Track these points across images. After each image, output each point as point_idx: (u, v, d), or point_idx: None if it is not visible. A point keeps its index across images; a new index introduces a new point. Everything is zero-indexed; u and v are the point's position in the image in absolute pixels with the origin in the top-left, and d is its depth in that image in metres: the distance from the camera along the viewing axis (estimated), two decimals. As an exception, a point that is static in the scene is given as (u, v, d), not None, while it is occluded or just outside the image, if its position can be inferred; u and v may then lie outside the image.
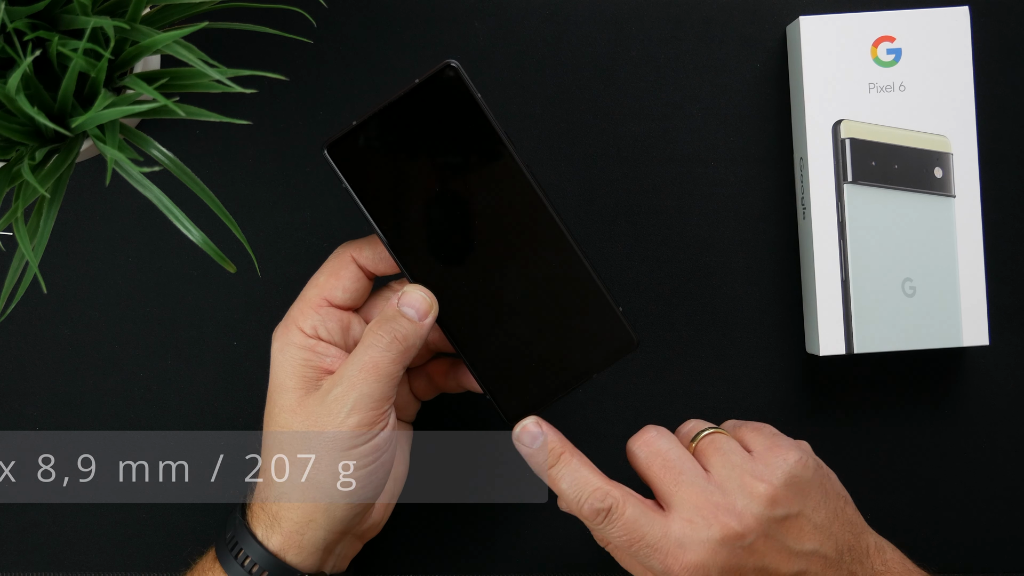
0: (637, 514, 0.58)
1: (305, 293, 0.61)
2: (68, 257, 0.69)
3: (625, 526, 0.58)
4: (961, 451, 0.70)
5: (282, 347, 0.60)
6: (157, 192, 0.53)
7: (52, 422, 0.69)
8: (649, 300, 0.70)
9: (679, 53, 0.70)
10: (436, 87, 0.58)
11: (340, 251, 0.61)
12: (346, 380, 0.57)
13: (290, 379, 0.59)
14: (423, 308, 0.59)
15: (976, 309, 0.67)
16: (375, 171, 0.58)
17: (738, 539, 0.57)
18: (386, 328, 0.58)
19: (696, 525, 0.57)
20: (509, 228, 0.59)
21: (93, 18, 0.50)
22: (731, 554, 0.57)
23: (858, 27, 0.67)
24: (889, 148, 0.67)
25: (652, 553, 0.57)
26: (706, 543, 0.57)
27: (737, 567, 0.57)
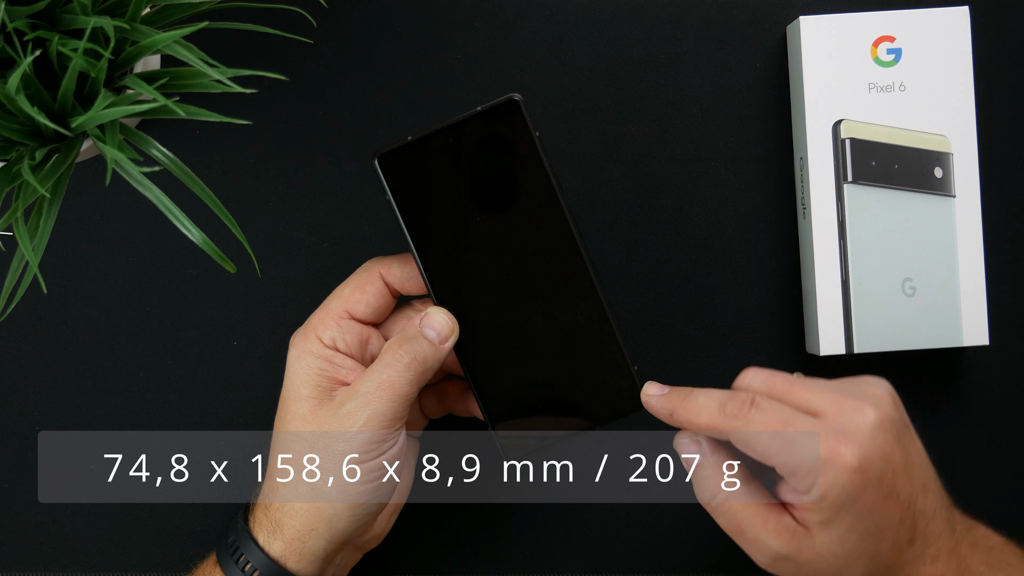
0: (782, 406, 0.55)
1: (328, 303, 0.61)
2: (68, 257, 0.69)
3: (774, 411, 0.55)
4: (961, 451, 0.70)
5: (299, 355, 0.60)
6: (157, 192, 0.53)
7: (52, 422, 0.69)
8: (649, 300, 0.70)
9: (679, 53, 0.70)
10: (496, 117, 0.58)
11: (369, 266, 0.61)
12: (361, 396, 0.57)
13: (304, 387, 0.59)
14: (445, 332, 0.59)
15: (976, 309, 0.67)
16: (421, 189, 0.58)
17: (889, 424, 0.55)
18: (406, 348, 0.58)
19: (847, 415, 0.54)
20: (541, 269, 0.59)
21: (93, 18, 0.50)
22: (885, 440, 0.54)
23: (858, 27, 0.67)
24: (889, 148, 0.67)
25: (808, 438, 0.54)
26: (863, 427, 0.54)
27: (890, 456, 0.54)
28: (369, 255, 0.69)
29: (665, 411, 0.58)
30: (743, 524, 0.56)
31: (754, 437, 0.55)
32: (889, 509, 0.55)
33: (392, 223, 0.69)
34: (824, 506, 0.54)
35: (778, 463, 0.55)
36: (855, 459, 0.53)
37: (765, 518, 0.56)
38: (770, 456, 0.55)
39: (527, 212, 0.58)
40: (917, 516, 0.56)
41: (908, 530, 0.56)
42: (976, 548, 0.57)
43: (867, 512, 0.54)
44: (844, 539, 0.54)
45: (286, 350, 0.69)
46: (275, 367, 0.69)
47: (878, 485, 0.54)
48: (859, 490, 0.54)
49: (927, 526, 0.56)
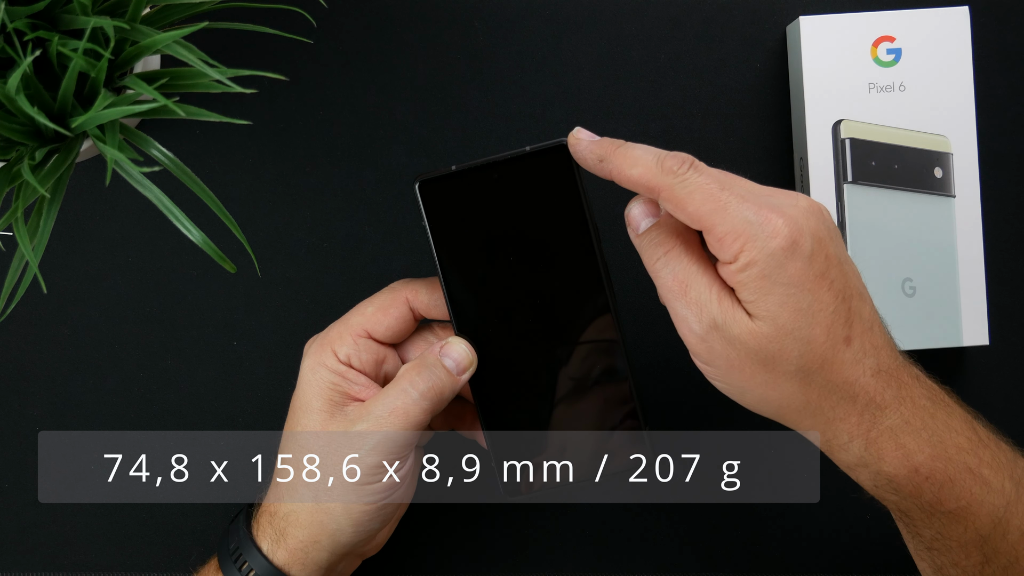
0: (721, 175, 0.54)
1: (349, 318, 0.60)
2: (68, 257, 0.69)
3: (712, 173, 0.53)
4: (961, 451, 0.70)
5: (313, 366, 0.59)
6: (157, 192, 0.53)
7: (52, 422, 0.69)
8: (649, 300, 0.70)
9: (679, 53, 0.70)
10: (544, 160, 0.57)
11: (396, 287, 0.61)
12: (373, 418, 0.57)
13: (316, 400, 0.59)
14: (464, 363, 0.58)
15: (976, 309, 0.67)
16: (457, 220, 0.58)
17: (822, 214, 0.54)
18: (424, 376, 0.57)
19: (780, 194, 0.54)
20: (567, 317, 0.59)
21: (93, 18, 0.50)
22: (819, 224, 0.53)
23: (858, 27, 0.67)
24: (889, 148, 0.67)
25: (743, 203, 0.52)
26: (797, 206, 0.53)
27: (826, 241, 0.53)
28: (369, 255, 0.69)
29: (594, 156, 0.56)
30: (689, 281, 0.54)
31: (688, 196, 0.53)
32: (821, 291, 0.53)
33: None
34: (753, 274, 0.52)
35: (708, 225, 0.53)
36: (785, 227, 0.52)
37: (711, 285, 0.54)
38: (701, 217, 0.53)
39: (561, 259, 0.58)
40: (853, 315, 0.54)
41: (844, 326, 0.54)
42: (919, 381, 0.56)
43: (797, 285, 0.52)
44: (776, 316, 0.52)
45: (286, 350, 0.69)
46: (275, 367, 0.69)
47: (809, 261, 0.52)
48: (787, 258, 0.52)
49: (864, 334, 0.54)
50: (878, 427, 0.54)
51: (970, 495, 0.54)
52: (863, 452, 0.54)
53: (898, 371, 0.55)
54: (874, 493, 0.56)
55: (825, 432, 0.55)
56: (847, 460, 0.55)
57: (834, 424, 0.54)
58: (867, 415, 0.54)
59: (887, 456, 0.54)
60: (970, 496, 0.54)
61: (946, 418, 0.55)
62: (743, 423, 0.70)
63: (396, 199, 0.70)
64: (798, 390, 0.54)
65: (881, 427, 0.54)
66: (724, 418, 0.70)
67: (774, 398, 0.55)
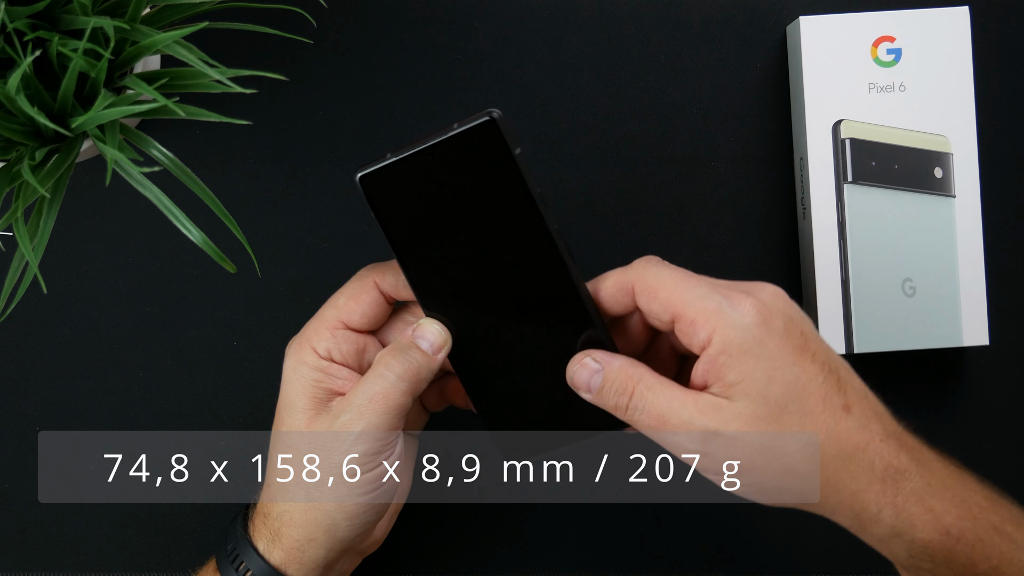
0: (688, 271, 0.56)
1: (323, 313, 0.60)
2: (68, 257, 0.69)
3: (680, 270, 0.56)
4: (961, 451, 0.70)
5: (294, 366, 0.59)
6: (157, 192, 0.53)
7: (52, 422, 0.69)
8: (649, 300, 0.70)
9: (679, 53, 0.70)
10: (474, 136, 0.56)
11: (363, 274, 0.61)
12: (355, 408, 0.57)
13: (300, 399, 0.58)
14: (438, 342, 0.58)
15: (976, 309, 0.67)
16: (404, 206, 0.57)
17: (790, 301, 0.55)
18: (399, 359, 0.57)
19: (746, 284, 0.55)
20: (526, 283, 0.58)
21: (93, 18, 0.50)
22: (787, 305, 0.54)
23: (858, 27, 0.67)
24: (889, 148, 0.67)
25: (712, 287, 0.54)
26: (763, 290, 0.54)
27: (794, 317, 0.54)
28: (369, 255, 0.69)
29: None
30: (665, 411, 0.54)
31: (660, 283, 0.55)
32: (805, 363, 0.53)
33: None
34: (732, 355, 0.52)
35: (679, 310, 0.54)
36: (754, 306, 0.53)
37: (684, 399, 0.54)
38: (673, 302, 0.54)
39: (509, 229, 0.58)
40: (844, 384, 0.54)
41: (838, 394, 0.53)
42: (924, 444, 0.55)
43: (779, 359, 0.53)
44: (766, 393, 0.52)
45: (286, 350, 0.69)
46: (275, 367, 0.69)
47: (784, 336, 0.53)
48: (763, 333, 0.52)
49: (863, 401, 0.54)
50: (903, 492, 0.53)
51: (1000, 554, 0.53)
52: (895, 520, 0.53)
53: (904, 434, 0.54)
54: (908, 565, 0.55)
55: (852, 507, 0.54)
56: (880, 533, 0.54)
57: (859, 496, 0.53)
58: (889, 481, 0.53)
59: (918, 521, 0.53)
60: (1000, 556, 0.53)
61: (960, 477, 0.55)
62: (743, 423, 0.70)
63: (396, 199, 0.70)
64: (812, 468, 0.53)
65: (906, 491, 0.53)
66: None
67: (793, 484, 0.54)
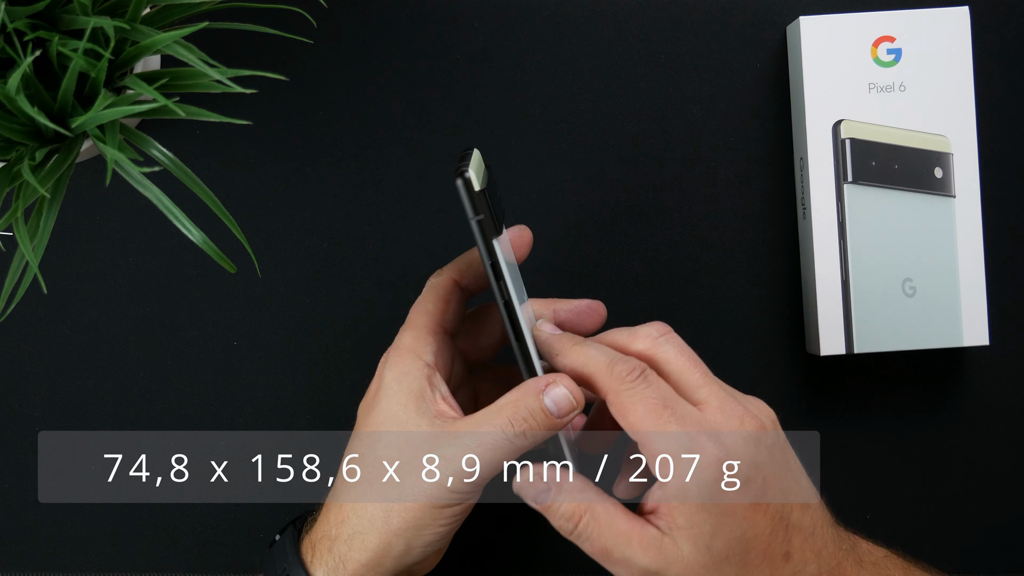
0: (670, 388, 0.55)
1: (416, 321, 0.59)
2: (68, 257, 0.69)
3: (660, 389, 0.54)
4: (961, 451, 0.70)
5: (399, 377, 0.57)
6: (157, 192, 0.53)
7: (52, 422, 0.69)
8: (649, 300, 0.70)
9: (679, 53, 0.70)
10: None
11: (438, 279, 0.60)
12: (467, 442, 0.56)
13: (404, 411, 0.57)
14: (565, 408, 0.56)
15: (976, 309, 0.67)
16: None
17: (765, 437, 0.54)
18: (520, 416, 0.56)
19: (728, 415, 0.54)
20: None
21: (93, 18, 0.50)
22: (758, 450, 0.54)
23: (858, 27, 0.67)
24: (889, 148, 0.67)
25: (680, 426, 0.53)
26: (739, 432, 0.54)
27: (763, 464, 0.54)
28: (369, 255, 0.69)
29: (551, 350, 0.57)
30: (609, 546, 0.54)
31: (632, 405, 0.54)
32: (756, 517, 0.53)
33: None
34: (685, 502, 0.53)
35: (643, 440, 0.54)
36: (716, 460, 0.53)
37: (629, 535, 0.54)
38: (639, 431, 0.54)
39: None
40: (792, 530, 0.54)
41: (783, 543, 0.54)
42: (861, 566, 0.56)
43: (730, 515, 0.53)
44: (710, 544, 0.53)
45: (286, 350, 0.69)
46: (275, 367, 0.69)
47: (743, 490, 0.53)
48: (719, 489, 0.53)
49: (805, 543, 0.55)
50: None
51: None
52: None
53: (841, 565, 0.55)
54: None
55: None
56: None
57: None
58: None
59: None
60: None
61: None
62: (743, 423, 0.70)
63: (396, 199, 0.70)
64: None
65: None
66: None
67: None
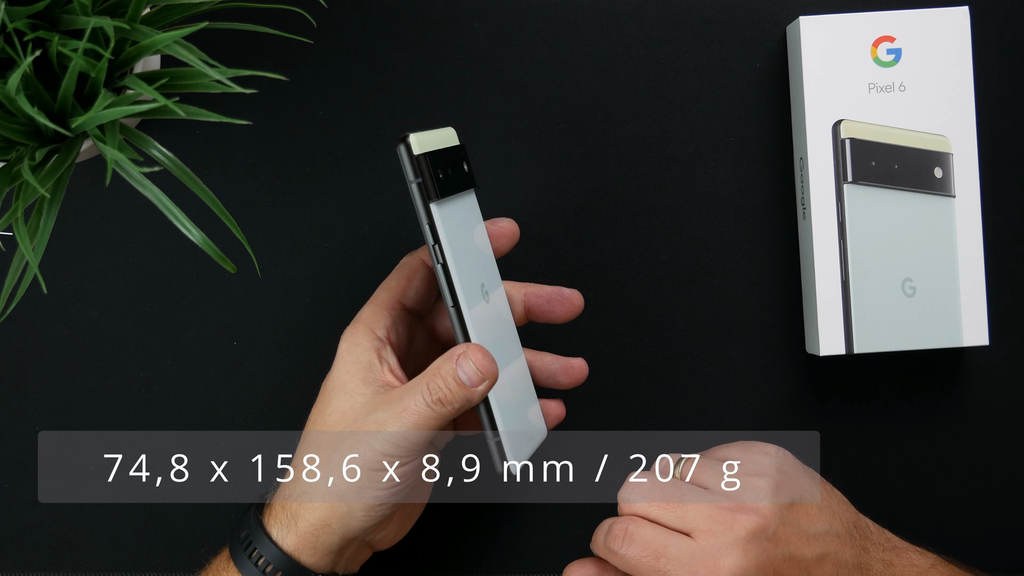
0: (656, 532, 0.59)
1: (377, 296, 0.62)
2: (68, 257, 0.69)
3: (646, 543, 0.59)
4: (961, 451, 0.70)
5: (350, 347, 0.60)
6: (157, 192, 0.53)
7: (52, 422, 0.69)
8: (649, 300, 0.70)
9: (679, 53, 0.70)
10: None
11: (408, 258, 0.63)
12: (391, 410, 0.57)
13: (352, 380, 0.59)
14: (474, 378, 0.58)
15: (976, 309, 0.67)
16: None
17: (762, 531, 0.58)
18: (438, 384, 0.57)
19: (718, 532, 0.58)
20: None
21: (93, 18, 0.50)
22: (760, 549, 0.58)
23: (858, 27, 0.67)
24: (889, 148, 0.67)
25: (681, 568, 0.58)
26: (735, 544, 0.58)
27: (769, 561, 0.58)
28: (369, 255, 0.69)
29: None
30: None
31: (632, 570, 0.59)
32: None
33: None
34: None
35: None
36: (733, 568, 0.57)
37: None
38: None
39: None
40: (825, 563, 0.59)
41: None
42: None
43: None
44: None
45: (286, 350, 0.69)
46: (275, 367, 0.69)
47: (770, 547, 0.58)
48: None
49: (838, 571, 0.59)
50: None
51: None
52: None
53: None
54: None
55: None
56: None
57: None
58: None
59: None
60: None
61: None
62: (743, 424, 0.70)
63: (396, 199, 0.70)
64: None
65: None
66: (724, 419, 0.70)
67: None
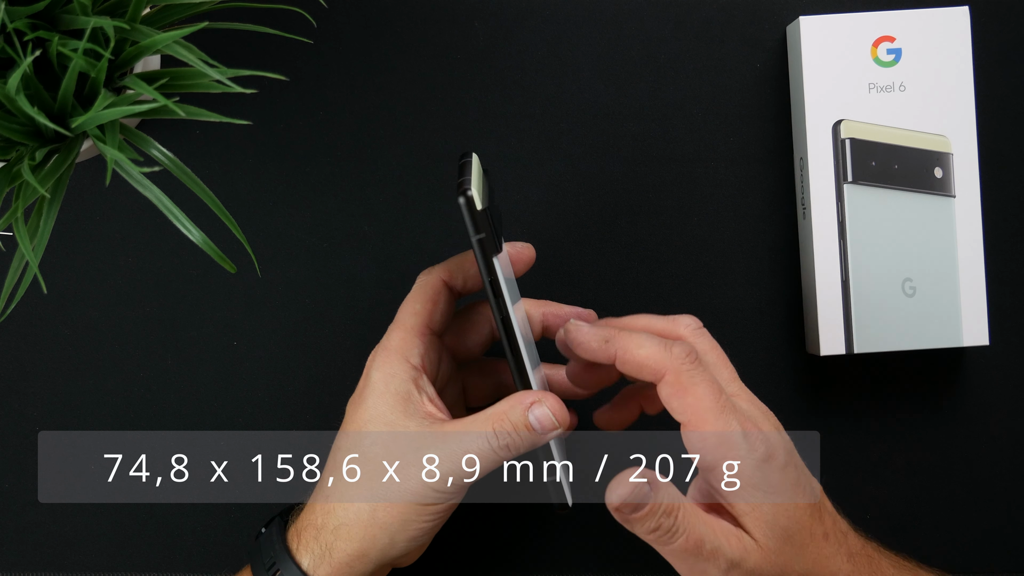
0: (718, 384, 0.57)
1: (404, 321, 0.60)
2: (68, 257, 0.69)
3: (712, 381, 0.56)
4: (961, 451, 0.70)
5: (386, 379, 0.58)
6: (157, 192, 0.53)
7: (52, 422, 0.69)
8: (649, 300, 0.70)
9: (679, 53, 0.70)
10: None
11: (428, 277, 0.60)
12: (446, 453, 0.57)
13: (392, 412, 0.58)
14: (548, 425, 0.57)
15: (976, 309, 0.67)
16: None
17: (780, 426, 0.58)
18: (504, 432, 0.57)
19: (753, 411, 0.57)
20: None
21: (93, 18, 0.50)
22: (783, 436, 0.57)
23: (858, 27, 0.67)
24: (889, 148, 0.67)
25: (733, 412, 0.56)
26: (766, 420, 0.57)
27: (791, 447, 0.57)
28: (369, 255, 0.69)
29: (599, 338, 0.57)
30: (704, 537, 0.55)
31: (693, 385, 0.55)
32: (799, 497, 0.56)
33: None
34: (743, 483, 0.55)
35: (698, 422, 0.55)
36: (764, 442, 0.55)
37: (715, 527, 0.56)
38: (697, 411, 0.55)
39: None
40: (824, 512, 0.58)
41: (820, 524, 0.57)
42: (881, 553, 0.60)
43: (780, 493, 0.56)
44: (773, 530, 0.55)
45: (286, 350, 0.69)
46: (275, 367, 0.69)
47: (783, 471, 0.56)
48: (769, 469, 0.55)
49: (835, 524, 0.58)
50: None
51: None
52: None
53: (865, 548, 0.59)
54: None
55: None
56: None
57: None
58: None
59: None
60: None
61: None
62: (743, 423, 0.70)
63: (396, 199, 0.70)
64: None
65: None
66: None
67: None
